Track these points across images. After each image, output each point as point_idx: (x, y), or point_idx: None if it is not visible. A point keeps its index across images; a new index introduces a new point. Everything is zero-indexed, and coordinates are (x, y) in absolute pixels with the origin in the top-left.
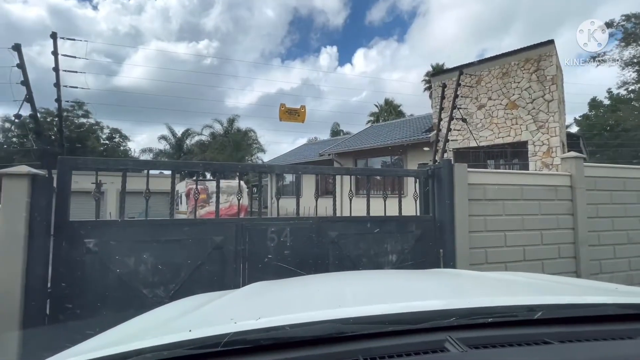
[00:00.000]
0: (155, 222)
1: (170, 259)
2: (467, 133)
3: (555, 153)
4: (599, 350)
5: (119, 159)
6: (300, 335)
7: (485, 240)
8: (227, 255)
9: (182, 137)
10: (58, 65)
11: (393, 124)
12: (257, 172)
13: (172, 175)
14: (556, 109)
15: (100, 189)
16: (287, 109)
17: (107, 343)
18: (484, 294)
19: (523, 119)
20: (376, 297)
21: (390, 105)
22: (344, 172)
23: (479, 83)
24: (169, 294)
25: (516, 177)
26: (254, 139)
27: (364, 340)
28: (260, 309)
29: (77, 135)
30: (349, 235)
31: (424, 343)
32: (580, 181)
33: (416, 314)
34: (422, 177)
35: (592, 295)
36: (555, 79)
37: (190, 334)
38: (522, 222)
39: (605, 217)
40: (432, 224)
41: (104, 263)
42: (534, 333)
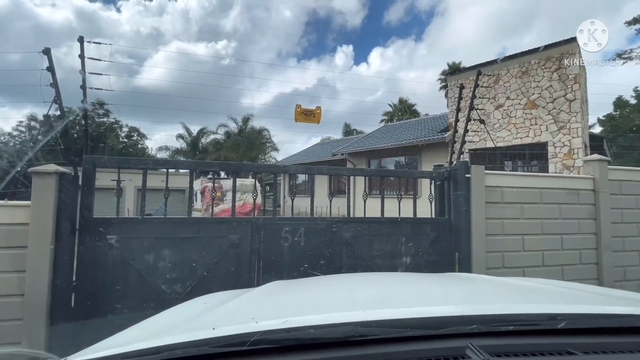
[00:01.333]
0: (174, 220)
1: (188, 256)
2: (483, 133)
3: (577, 155)
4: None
5: (140, 158)
6: (323, 337)
7: (502, 244)
8: (243, 254)
9: (197, 136)
10: (84, 69)
11: (407, 123)
12: (272, 172)
13: (190, 174)
14: (579, 109)
15: (119, 187)
16: (302, 110)
17: (133, 339)
18: (504, 300)
19: (543, 119)
20: (395, 300)
21: (404, 105)
22: (358, 173)
23: (497, 82)
24: (186, 290)
25: (535, 180)
26: (268, 138)
27: (385, 345)
28: (280, 309)
29: (98, 134)
30: (362, 236)
31: (445, 349)
32: (603, 185)
33: (437, 319)
34: (438, 179)
35: (617, 305)
36: (578, 78)
37: (217, 332)
38: (542, 226)
39: (631, 222)
40: (447, 227)
41: (125, 259)
42: (557, 343)
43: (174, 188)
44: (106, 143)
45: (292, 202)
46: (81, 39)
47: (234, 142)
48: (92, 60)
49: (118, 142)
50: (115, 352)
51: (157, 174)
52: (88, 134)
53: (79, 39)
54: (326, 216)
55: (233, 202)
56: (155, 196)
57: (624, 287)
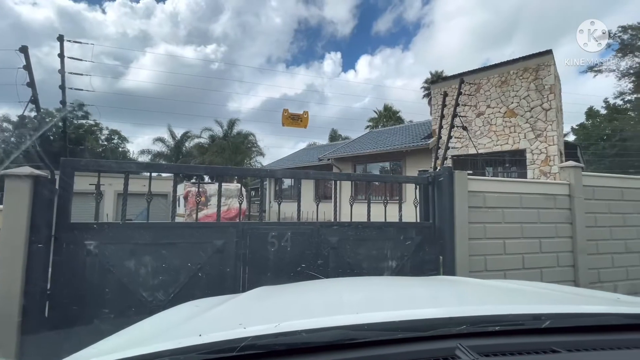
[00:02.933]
0: (156, 225)
1: (171, 262)
2: (465, 140)
3: (553, 161)
4: (606, 359)
5: (122, 161)
6: (314, 342)
7: (484, 248)
8: (228, 259)
9: (181, 140)
10: (64, 68)
11: (392, 129)
12: (259, 176)
13: (174, 178)
14: (554, 118)
15: (99, 191)
16: (290, 114)
17: (117, 346)
18: (490, 302)
19: (521, 127)
20: (384, 303)
21: (389, 112)
22: (344, 178)
23: (478, 91)
24: (169, 297)
25: (516, 185)
26: (254, 142)
27: (376, 347)
28: (268, 315)
29: (76, 136)
30: (349, 240)
31: (435, 350)
32: (578, 190)
33: (426, 321)
34: (423, 184)
35: (594, 304)
36: (553, 88)
37: (205, 338)
38: (522, 230)
39: (604, 226)
40: (432, 231)
41: (104, 265)
42: (542, 342)
43: (156, 193)
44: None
45: (278, 206)
46: (61, 37)
47: (219, 147)
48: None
49: (97, 145)
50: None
51: (139, 177)
52: (67, 135)
53: (59, 37)
54: (313, 220)
55: (218, 207)
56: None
57: (598, 288)
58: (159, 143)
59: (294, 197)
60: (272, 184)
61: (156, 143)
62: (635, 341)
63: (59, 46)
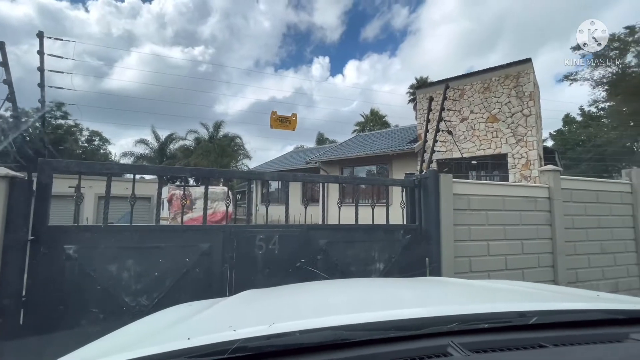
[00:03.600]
0: (140, 228)
1: (155, 266)
2: (449, 144)
3: (533, 166)
4: (592, 353)
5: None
6: (309, 342)
7: (469, 249)
8: (215, 263)
9: (165, 142)
10: (43, 65)
11: (378, 133)
12: (247, 178)
13: (159, 180)
14: (534, 124)
15: (80, 193)
16: (278, 116)
17: (102, 352)
18: (479, 301)
19: (503, 132)
20: (375, 304)
21: (375, 116)
22: (332, 180)
23: (462, 97)
24: (153, 302)
25: (498, 188)
26: (240, 145)
27: (368, 346)
28: (258, 317)
29: (54, 137)
30: (337, 243)
31: (427, 348)
32: (557, 193)
33: (419, 320)
34: (409, 187)
35: (578, 302)
36: (533, 95)
37: (194, 341)
38: (504, 231)
39: (580, 228)
40: (418, 233)
41: (85, 270)
42: (530, 337)
43: (139, 196)
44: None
45: (266, 209)
46: (40, 33)
47: (205, 149)
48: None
49: (77, 146)
50: None
51: (121, 180)
52: (45, 135)
53: (38, 33)
54: (301, 223)
55: (205, 209)
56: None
57: (577, 287)
58: (141, 145)
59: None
60: (259, 187)
61: (138, 145)
62: (616, 335)
63: (39, 43)
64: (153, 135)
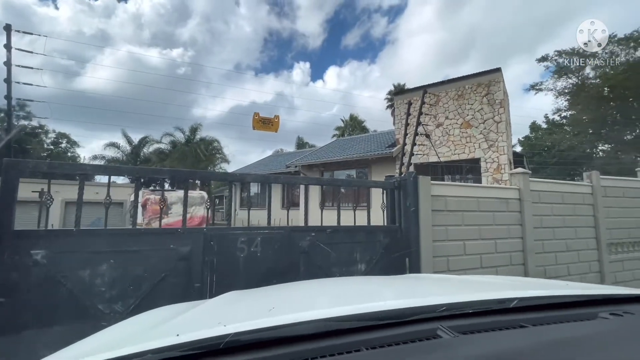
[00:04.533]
0: (115, 232)
1: (131, 271)
2: (426, 149)
3: (504, 170)
4: (566, 330)
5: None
6: (305, 332)
7: (446, 249)
8: (194, 267)
9: (138, 145)
10: (11, 60)
11: (358, 138)
12: (227, 180)
13: (136, 182)
14: (504, 130)
15: (50, 196)
16: (260, 118)
17: (80, 353)
18: (463, 291)
19: (476, 138)
20: (362, 298)
21: (355, 121)
22: (314, 182)
23: (438, 103)
24: (128, 309)
25: (473, 190)
26: (218, 149)
27: (364, 332)
28: (243, 315)
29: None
30: (319, 244)
31: (418, 332)
32: (527, 194)
33: (407, 309)
34: (389, 189)
35: (552, 288)
36: (503, 103)
37: (188, 337)
38: (479, 231)
39: (548, 227)
40: (398, 234)
41: (54, 277)
42: (512, 319)
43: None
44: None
45: (248, 212)
46: (8, 27)
47: (181, 153)
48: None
49: (42, 149)
50: None
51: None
52: (10, 134)
53: (6, 26)
54: (283, 225)
55: (184, 213)
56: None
57: None
58: (112, 148)
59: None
60: (238, 192)
61: (108, 148)
62: (587, 314)
63: (6, 36)
64: (125, 139)
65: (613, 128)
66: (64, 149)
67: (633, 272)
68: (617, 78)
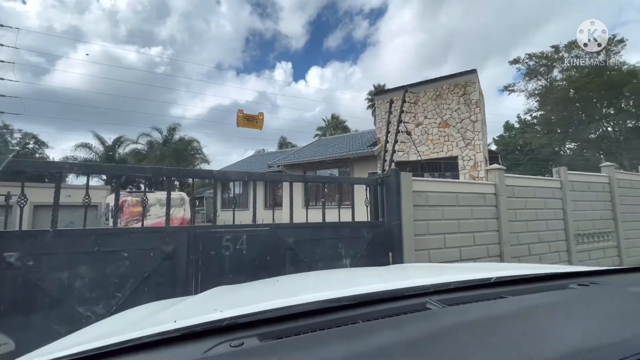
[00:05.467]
0: (95, 232)
1: (113, 271)
2: (407, 147)
3: (480, 167)
4: (541, 298)
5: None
6: (312, 309)
7: (428, 243)
8: (179, 266)
9: (113, 146)
10: None
11: (340, 138)
12: (211, 178)
13: (116, 180)
14: (480, 129)
15: (24, 196)
16: (245, 115)
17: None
18: (447, 274)
19: (454, 137)
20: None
21: (336, 121)
22: (299, 180)
23: (417, 103)
24: (110, 310)
25: (452, 185)
26: (198, 149)
27: (361, 307)
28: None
29: None
30: (305, 241)
31: (410, 306)
32: (502, 189)
33: (399, 289)
34: (373, 185)
35: (525, 269)
36: (479, 103)
37: (190, 321)
38: (458, 225)
39: (522, 220)
40: (382, 229)
41: (30, 280)
42: (493, 292)
43: (82, 204)
44: None
45: (233, 212)
46: None
47: (159, 153)
48: None
49: (7, 149)
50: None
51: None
52: None
53: None
54: (269, 222)
55: (167, 213)
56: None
57: None
58: (84, 149)
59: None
60: (219, 192)
61: (80, 149)
62: (559, 285)
63: None
64: (96, 139)
65: (579, 128)
66: (32, 150)
67: (598, 261)
68: (582, 81)
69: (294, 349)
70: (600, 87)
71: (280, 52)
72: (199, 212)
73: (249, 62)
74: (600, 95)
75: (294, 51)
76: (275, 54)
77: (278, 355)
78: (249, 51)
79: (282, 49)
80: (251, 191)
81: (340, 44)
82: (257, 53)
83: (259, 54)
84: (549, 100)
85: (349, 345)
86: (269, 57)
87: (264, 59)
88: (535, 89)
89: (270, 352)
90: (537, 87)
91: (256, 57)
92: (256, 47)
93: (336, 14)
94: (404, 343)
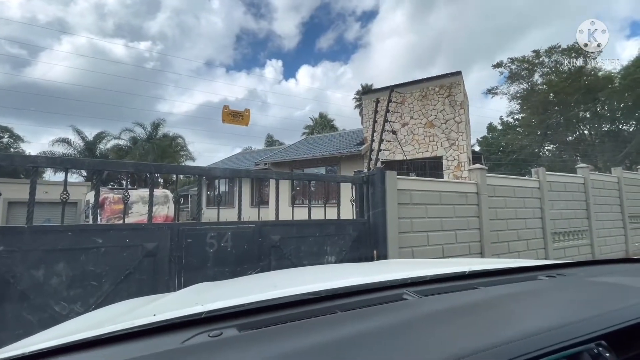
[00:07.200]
0: (73, 228)
1: (92, 269)
2: (393, 147)
3: (463, 167)
4: (511, 288)
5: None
6: (291, 301)
7: (411, 240)
8: (161, 263)
9: (94, 141)
10: None
11: (327, 136)
12: (196, 174)
13: (97, 176)
14: (464, 130)
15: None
16: (230, 111)
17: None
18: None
19: (438, 137)
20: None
21: (324, 119)
22: (286, 177)
23: (403, 103)
24: (89, 308)
25: (436, 184)
26: (182, 145)
27: (339, 298)
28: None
29: None
30: (290, 238)
31: (387, 297)
32: (484, 188)
33: (378, 282)
34: (358, 183)
35: (500, 264)
36: (463, 104)
37: (164, 316)
38: (441, 223)
39: (502, 219)
40: (367, 226)
41: (3, 277)
42: (467, 284)
43: (58, 201)
44: None
45: (218, 210)
46: None
47: (142, 149)
48: None
49: None
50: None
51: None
52: None
53: None
54: (254, 220)
55: (150, 210)
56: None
57: None
58: (62, 144)
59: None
60: (204, 190)
61: (58, 144)
62: (528, 277)
63: None
64: (77, 134)
65: (557, 130)
66: (6, 145)
67: (572, 258)
68: (560, 85)
69: (272, 339)
70: (578, 91)
71: (271, 50)
72: (184, 210)
73: (239, 59)
74: (577, 99)
75: (286, 50)
76: (266, 53)
77: (256, 344)
78: (240, 49)
79: (274, 48)
80: (237, 189)
81: (332, 44)
82: (248, 51)
83: (250, 52)
84: (530, 103)
85: (327, 333)
86: (260, 56)
87: (255, 57)
88: (517, 92)
89: (248, 341)
90: (519, 90)
91: (247, 55)
92: (247, 45)
93: (329, 15)
94: (379, 330)
